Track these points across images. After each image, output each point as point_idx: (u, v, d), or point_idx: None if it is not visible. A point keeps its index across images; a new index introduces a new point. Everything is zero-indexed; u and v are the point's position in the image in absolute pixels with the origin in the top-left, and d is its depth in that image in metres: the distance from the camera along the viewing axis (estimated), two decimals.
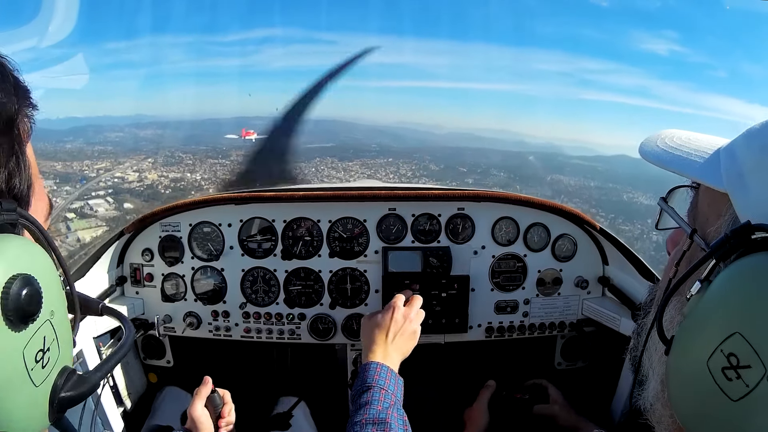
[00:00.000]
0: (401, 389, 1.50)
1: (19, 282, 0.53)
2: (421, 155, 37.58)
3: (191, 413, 1.50)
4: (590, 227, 2.11)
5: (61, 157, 31.16)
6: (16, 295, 0.52)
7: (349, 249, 2.15)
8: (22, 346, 0.54)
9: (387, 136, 62.13)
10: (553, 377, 2.06)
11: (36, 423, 0.59)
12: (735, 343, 0.53)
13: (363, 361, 1.56)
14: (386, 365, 1.51)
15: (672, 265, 0.77)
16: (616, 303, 2.10)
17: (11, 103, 0.59)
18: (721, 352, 0.55)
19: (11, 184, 0.60)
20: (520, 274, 2.18)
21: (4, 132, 0.58)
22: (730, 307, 0.56)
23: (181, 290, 2.17)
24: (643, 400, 0.75)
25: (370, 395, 1.39)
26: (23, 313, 0.54)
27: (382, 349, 1.59)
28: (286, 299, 2.17)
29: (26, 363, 0.55)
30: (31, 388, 0.56)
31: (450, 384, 2.24)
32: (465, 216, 2.13)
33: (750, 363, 0.52)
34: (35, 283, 0.55)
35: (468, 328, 2.15)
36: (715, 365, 0.55)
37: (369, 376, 1.46)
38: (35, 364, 0.57)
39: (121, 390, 2.08)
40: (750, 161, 0.63)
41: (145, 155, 37.26)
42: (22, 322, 0.54)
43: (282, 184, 5.52)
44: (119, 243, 2.11)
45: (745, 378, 0.52)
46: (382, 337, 1.63)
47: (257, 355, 2.44)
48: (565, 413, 1.84)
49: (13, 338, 0.53)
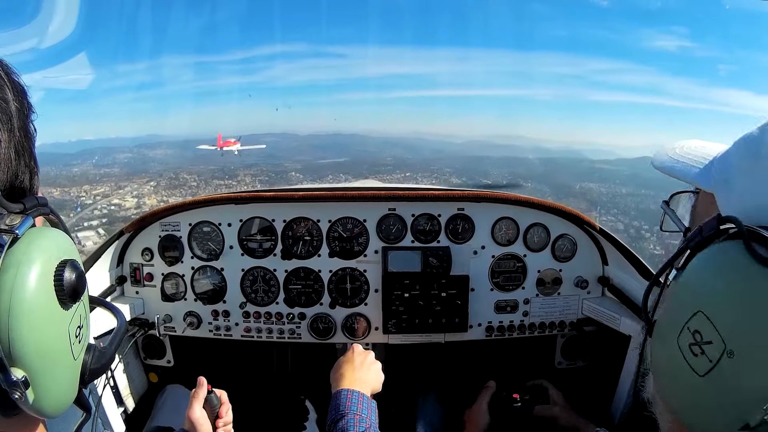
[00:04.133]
0: (375, 412, 1.52)
1: (70, 266, 0.60)
2: (440, 167, 37.07)
3: (189, 416, 1.51)
4: (590, 227, 2.12)
5: (60, 183, 30.93)
6: (68, 278, 0.59)
7: (349, 249, 2.15)
8: (68, 323, 0.61)
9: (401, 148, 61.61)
10: (553, 376, 2.06)
11: (70, 394, 0.66)
12: (698, 320, 0.59)
13: (333, 391, 1.58)
14: (356, 390, 1.53)
15: None
16: (616, 303, 2.10)
17: (24, 108, 0.64)
18: (687, 329, 0.60)
19: (33, 181, 0.65)
20: (519, 274, 2.18)
21: (25, 135, 0.63)
22: (695, 288, 0.62)
23: (181, 290, 2.17)
24: (646, 392, 0.78)
25: (345, 423, 1.40)
26: (73, 293, 0.60)
27: (348, 378, 1.62)
28: (286, 299, 2.17)
29: (71, 339, 0.62)
30: (71, 361, 0.64)
31: (450, 384, 2.24)
32: (465, 216, 2.14)
33: (711, 339, 0.57)
34: (78, 265, 0.62)
35: (468, 327, 2.15)
36: (684, 342, 0.61)
37: (341, 403, 1.47)
38: (75, 340, 0.64)
39: (122, 390, 2.08)
40: (736, 164, 0.69)
41: (149, 177, 37.10)
42: (72, 300, 0.61)
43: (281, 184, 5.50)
44: (119, 243, 2.11)
45: (708, 353, 0.57)
46: (348, 368, 1.68)
47: (257, 354, 2.45)
48: (566, 414, 1.85)
49: (64, 316, 0.60)
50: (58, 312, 0.59)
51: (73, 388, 0.66)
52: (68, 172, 35.46)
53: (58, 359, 0.60)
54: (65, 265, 0.59)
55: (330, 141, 72.38)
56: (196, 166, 42.85)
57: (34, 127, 0.69)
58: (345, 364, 1.70)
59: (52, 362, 0.59)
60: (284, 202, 2.11)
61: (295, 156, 47.03)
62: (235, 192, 2.23)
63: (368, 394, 1.59)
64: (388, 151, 53.85)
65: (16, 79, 0.63)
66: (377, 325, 2.17)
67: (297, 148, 63.86)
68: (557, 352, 2.33)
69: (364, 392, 1.56)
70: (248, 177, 36.16)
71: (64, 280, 0.58)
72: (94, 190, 33.18)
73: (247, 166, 40.62)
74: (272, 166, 42.28)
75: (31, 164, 0.64)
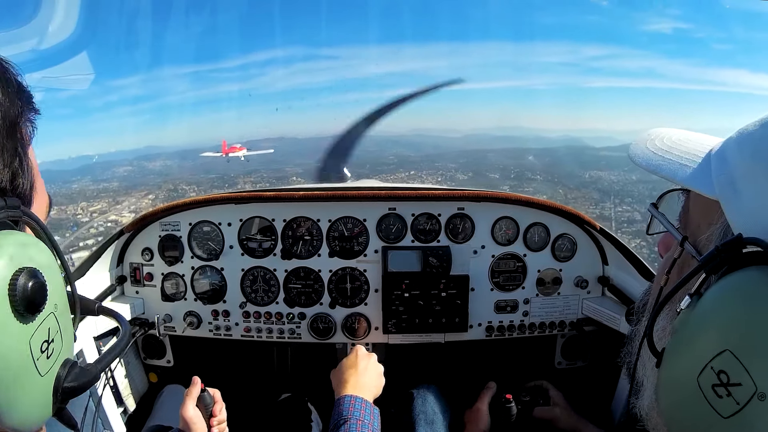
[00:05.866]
0: (377, 419, 1.53)
1: (26, 274, 0.55)
2: (444, 163, 36.55)
3: (183, 414, 1.51)
4: (590, 227, 2.12)
5: (57, 201, 30.54)
6: (23, 287, 0.55)
7: (349, 248, 2.15)
8: (28, 336, 0.57)
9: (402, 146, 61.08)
10: (553, 376, 2.06)
11: (40, 411, 0.62)
12: (725, 360, 0.53)
13: (336, 396, 1.59)
14: (360, 396, 1.53)
15: (663, 273, 0.76)
16: (616, 302, 2.10)
17: (15, 107, 0.62)
18: (711, 369, 0.54)
19: (15, 183, 0.62)
20: (519, 273, 2.18)
21: (8, 134, 0.60)
22: (721, 323, 0.55)
23: (181, 290, 2.17)
24: (639, 408, 0.75)
25: (347, 428, 1.40)
26: (30, 304, 0.56)
27: (352, 383, 1.62)
28: (286, 299, 2.17)
29: (32, 352, 0.58)
30: (36, 377, 0.59)
31: (450, 384, 2.24)
32: (465, 216, 2.14)
33: (740, 381, 0.51)
34: (40, 276, 0.58)
35: (468, 327, 2.15)
36: (706, 382, 0.55)
37: (344, 409, 1.48)
38: (41, 354, 0.59)
39: (122, 390, 2.08)
40: (742, 168, 0.61)
41: (147, 190, 36.80)
42: (29, 312, 0.57)
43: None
44: (119, 242, 2.11)
45: (735, 396, 0.51)
46: (351, 373, 1.68)
47: (257, 354, 2.45)
48: (566, 415, 1.84)
49: (21, 328, 0.56)
50: (14, 324, 0.55)
51: (44, 406, 0.62)
52: (68, 189, 35.26)
53: (19, 375, 0.56)
54: (21, 273, 0.55)
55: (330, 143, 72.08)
56: (195, 176, 42.62)
57: (32, 127, 0.67)
58: (349, 369, 1.70)
59: (9, 378, 0.55)
60: (284, 201, 2.11)
61: (296, 160, 46.86)
62: (235, 191, 2.23)
63: (371, 400, 1.60)
64: (390, 150, 53.56)
65: (10, 78, 0.62)
66: (377, 324, 2.17)
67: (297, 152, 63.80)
68: (557, 352, 2.33)
69: (367, 398, 1.56)
70: (248, 185, 35.89)
71: (17, 289, 0.54)
72: (91, 207, 32.84)
73: (247, 173, 40.34)
74: (273, 171, 42.07)
75: (14, 165, 0.61)
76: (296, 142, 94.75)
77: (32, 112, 0.67)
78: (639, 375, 0.75)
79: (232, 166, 42.55)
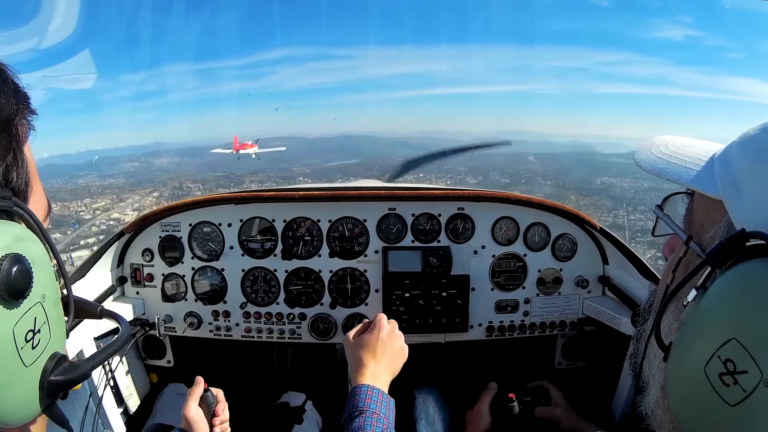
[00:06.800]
0: (393, 412, 1.49)
1: (10, 260, 0.55)
2: (453, 166, 36.32)
3: (185, 414, 1.50)
4: (590, 227, 2.12)
5: (61, 197, 30.17)
6: (6, 272, 0.55)
7: (349, 249, 2.15)
8: (12, 323, 0.56)
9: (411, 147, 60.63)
10: (553, 376, 2.06)
11: (26, 406, 0.61)
12: (731, 348, 0.54)
13: (352, 384, 1.54)
14: (377, 387, 1.49)
15: (669, 272, 0.78)
16: (617, 302, 2.10)
17: (9, 105, 0.62)
18: (718, 358, 0.56)
19: (8, 176, 0.62)
20: (520, 273, 2.18)
21: (2, 129, 0.61)
22: (726, 313, 0.57)
23: (182, 290, 2.17)
24: (645, 407, 0.76)
25: (363, 420, 1.37)
26: (13, 289, 0.56)
27: (370, 370, 1.57)
28: (287, 299, 2.17)
29: (16, 340, 0.57)
30: (20, 367, 0.58)
31: (451, 384, 2.24)
32: (465, 216, 2.13)
33: (747, 368, 0.53)
34: (26, 262, 0.58)
35: (468, 327, 2.15)
36: (713, 371, 0.56)
37: (360, 399, 1.44)
38: (25, 344, 0.58)
39: (123, 390, 2.08)
40: (744, 168, 0.64)
41: (152, 187, 36.48)
42: (12, 298, 0.56)
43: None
44: (119, 243, 2.11)
45: (742, 383, 0.53)
46: (369, 357, 1.61)
47: (258, 354, 2.45)
48: (567, 416, 1.84)
49: (6, 315, 0.56)
50: None
51: (29, 399, 0.61)
52: (73, 184, 35.01)
53: (0, 360, 0.56)
54: (6, 258, 0.55)
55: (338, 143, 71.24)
56: (202, 173, 42.37)
57: (29, 127, 0.68)
58: (365, 352, 1.62)
59: None
60: (284, 201, 2.11)
61: (303, 159, 46.56)
62: (235, 192, 2.23)
63: (388, 385, 1.56)
64: (398, 152, 53.33)
65: (7, 78, 0.62)
66: None
67: (305, 152, 63.50)
68: (557, 352, 2.32)
69: (383, 388, 1.52)
70: (254, 184, 35.58)
71: (1, 273, 0.54)
72: (95, 204, 32.49)
73: (253, 172, 40.07)
74: (280, 171, 41.75)
75: (7, 159, 0.61)
76: (304, 141, 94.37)
77: (29, 113, 0.67)
78: (645, 374, 0.76)
79: (242, 164, 42.29)
